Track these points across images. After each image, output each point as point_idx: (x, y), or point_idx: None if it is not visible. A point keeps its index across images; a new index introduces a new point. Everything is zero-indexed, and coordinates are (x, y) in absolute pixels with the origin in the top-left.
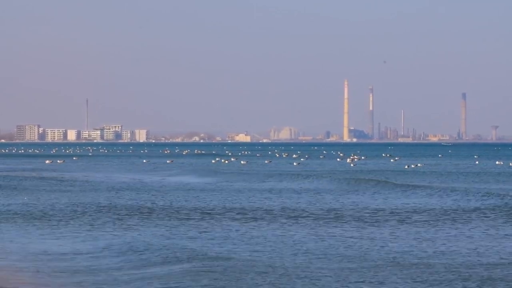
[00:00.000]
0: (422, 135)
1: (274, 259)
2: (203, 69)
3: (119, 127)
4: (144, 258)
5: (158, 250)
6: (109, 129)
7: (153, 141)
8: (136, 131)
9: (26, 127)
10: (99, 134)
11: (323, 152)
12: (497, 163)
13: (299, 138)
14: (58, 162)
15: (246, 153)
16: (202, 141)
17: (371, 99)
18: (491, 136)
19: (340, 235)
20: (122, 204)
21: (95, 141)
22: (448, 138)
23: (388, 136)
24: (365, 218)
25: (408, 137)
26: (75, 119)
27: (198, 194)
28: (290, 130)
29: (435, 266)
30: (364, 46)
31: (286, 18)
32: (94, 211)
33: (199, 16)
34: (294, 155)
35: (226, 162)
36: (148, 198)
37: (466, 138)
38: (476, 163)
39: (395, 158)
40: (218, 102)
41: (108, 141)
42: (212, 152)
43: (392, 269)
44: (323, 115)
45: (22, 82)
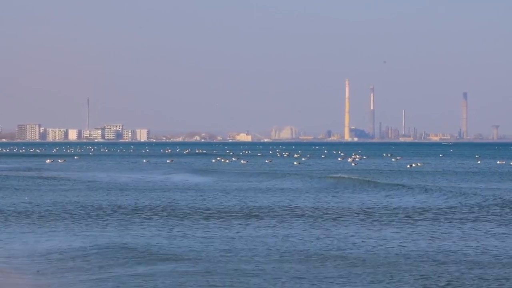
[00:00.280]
0: (423, 135)
1: (218, 258)
2: (203, 69)
3: (120, 127)
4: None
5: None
6: (110, 128)
7: (154, 140)
8: (137, 131)
9: (27, 126)
10: (100, 134)
11: (324, 151)
12: (498, 162)
13: (300, 137)
14: (59, 161)
15: (247, 152)
16: (203, 140)
17: (372, 98)
18: (492, 135)
19: (289, 233)
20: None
21: (96, 140)
22: (449, 138)
23: (389, 136)
24: (326, 217)
25: (409, 136)
26: (76, 119)
27: (169, 193)
28: (291, 129)
29: (370, 261)
30: (365, 46)
31: (286, 18)
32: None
33: (199, 16)
34: (295, 155)
35: (226, 161)
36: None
37: (467, 138)
38: (478, 162)
39: (396, 157)
40: (219, 101)
41: (109, 140)
42: (213, 151)
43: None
44: (324, 114)
45: (23, 82)
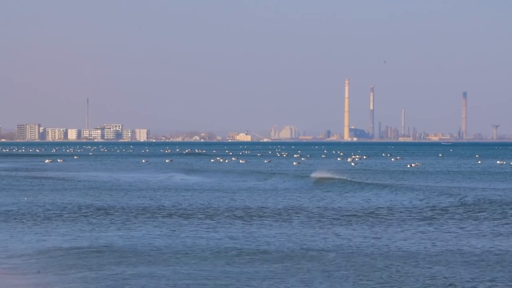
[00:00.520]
0: (422, 135)
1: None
2: (203, 69)
3: (120, 127)
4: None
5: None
6: (109, 128)
7: (153, 140)
8: (137, 131)
9: (27, 126)
10: (99, 134)
11: (324, 151)
12: (498, 162)
13: (299, 137)
14: (59, 161)
15: (246, 152)
16: (202, 140)
17: (371, 98)
18: (491, 135)
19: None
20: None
21: (95, 140)
22: (448, 138)
23: (388, 136)
24: (292, 216)
25: (409, 136)
26: (76, 119)
27: (148, 192)
28: (291, 129)
29: (329, 257)
30: (364, 46)
31: (286, 18)
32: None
33: (199, 16)
34: (295, 155)
35: (226, 161)
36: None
37: (467, 138)
38: (479, 162)
39: (396, 157)
40: (218, 101)
41: (109, 140)
42: (213, 151)
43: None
44: (324, 114)
45: (22, 82)
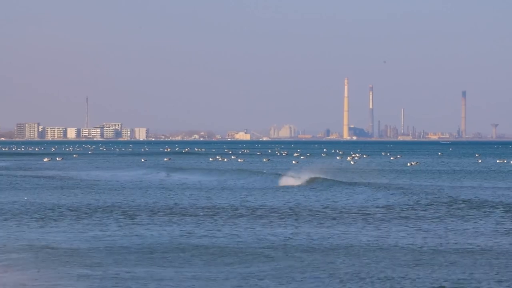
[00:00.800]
0: (421, 133)
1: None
2: (202, 68)
3: (119, 125)
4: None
5: None
6: (109, 127)
7: (152, 139)
8: (136, 130)
9: (26, 125)
10: (99, 132)
11: (324, 150)
12: (498, 161)
13: (299, 136)
14: (58, 159)
15: (245, 151)
16: (202, 139)
17: (371, 97)
18: (491, 134)
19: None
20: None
21: (95, 139)
22: (448, 137)
23: (388, 134)
24: (256, 214)
25: (408, 135)
26: (75, 118)
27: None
28: (290, 128)
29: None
30: (364, 46)
31: (286, 18)
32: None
33: (199, 16)
34: (295, 154)
35: (225, 160)
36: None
37: (466, 137)
38: (479, 161)
39: (396, 156)
40: (218, 100)
41: (108, 139)
42: (212, 150)
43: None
44: (323, 113)
45: (22, 81)
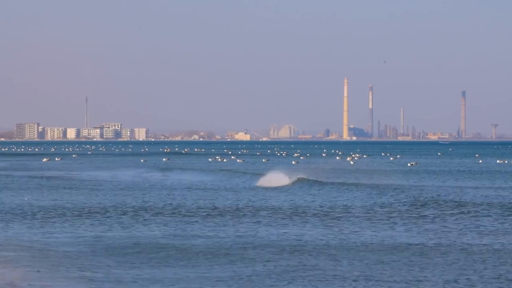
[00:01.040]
0: (421, 134)
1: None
2: (202, 68)
3: (119, 126)
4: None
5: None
6: (108, 127)
7: (152, 139)
8: (136, 130)
9: (26, 125)
10: (98, 133)
11: (324, 150)
12: (498, 161)
13: (298, 136)
14: (56, 159)
15: (245, 151)
16: (201, 139)
17: (370, 97)
18: (491, 134)
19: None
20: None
21: (94, 139)
22: (447, 137)
23: (387, 135)
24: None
25: (408, 135)
26: (75, 118)
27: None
28: (290, 128)
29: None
30: (363, 46)
31: (286, 18)
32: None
33: (199, 16)
34: (295, 154)
35: (224, 160)
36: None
37: (466, 137)
38: (480, 161)
39: (396, 156)
40: (218, 100)
41: (108, 139)
42: (212, 150)
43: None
44: (323, 113)
45: (21, 81)
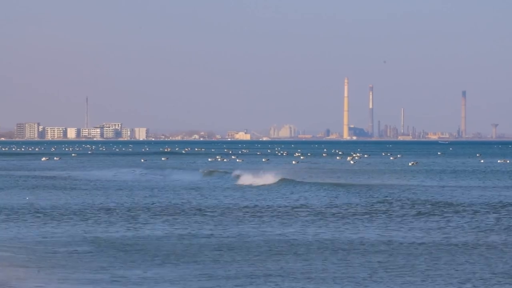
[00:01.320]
0: (421, 133)
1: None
2: (202, 68)
3: (119, 125)
4: None
5: None
6: (108, 127)
7: (152, 139)
8: (136, 129)
9: (26, 125)
10: (99, 132)
11: (324, 150)
12: (499, 161)
13: (299, 136)
14: (55, 159)
15: (245, 151)
16: (202, 139)
17: (371, 97)
18: (491, 134)
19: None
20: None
21: (94, 139)
22: (448, 136)
23: (388, 134)
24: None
25: (408, 135)
26: (75, 118)
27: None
28: (290, 128)
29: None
30: (364, 45)
31: (286, 18)
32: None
33: (199, 16)
34: (295, 154)
35: (224, 160)
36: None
37: (466, 136)
38: (481, 161)
39: (396, 156)
40: (218, 100)
41: (108, 139)
42: (212, 150)
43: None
44: (323, 113)
45: (21, 81)
